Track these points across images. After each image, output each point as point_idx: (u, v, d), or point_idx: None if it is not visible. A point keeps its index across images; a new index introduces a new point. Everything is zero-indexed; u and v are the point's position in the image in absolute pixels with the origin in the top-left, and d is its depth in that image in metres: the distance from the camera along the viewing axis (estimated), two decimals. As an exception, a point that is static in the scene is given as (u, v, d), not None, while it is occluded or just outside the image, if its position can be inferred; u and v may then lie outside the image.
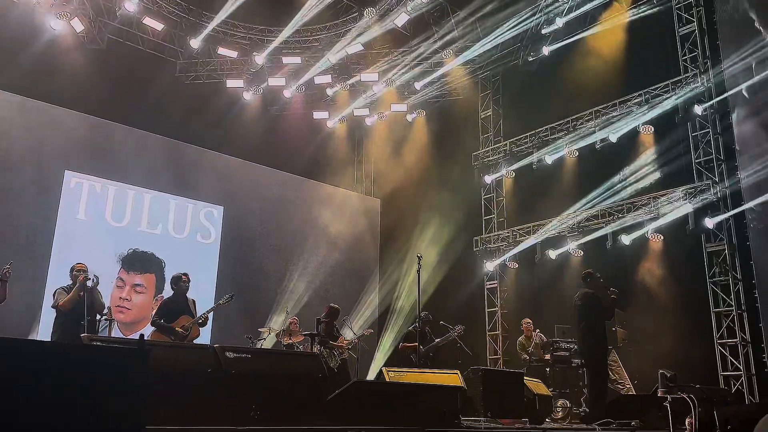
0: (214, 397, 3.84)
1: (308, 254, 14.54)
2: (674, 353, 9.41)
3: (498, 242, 13.84)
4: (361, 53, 14.06)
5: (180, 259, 12.13)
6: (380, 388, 4.95)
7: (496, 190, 14.45)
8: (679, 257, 10.85)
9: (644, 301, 10.80)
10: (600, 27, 12.43)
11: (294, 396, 4.18)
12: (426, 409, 4.54)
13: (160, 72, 13.48)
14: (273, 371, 4.30)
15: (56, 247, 11.05)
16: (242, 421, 3.68)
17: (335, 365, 8.97)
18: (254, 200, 14.12)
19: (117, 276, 11.77)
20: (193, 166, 13.26)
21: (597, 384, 6.99)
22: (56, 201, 11.32)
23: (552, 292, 12.36)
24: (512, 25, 12.84)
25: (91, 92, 11.94)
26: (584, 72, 12.41)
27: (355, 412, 4.15)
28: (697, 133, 10.75)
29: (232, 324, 12.14)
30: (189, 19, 13.39)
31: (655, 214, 11.12)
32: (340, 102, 15.31)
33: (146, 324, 11.73)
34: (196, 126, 13.44)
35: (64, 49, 12.00)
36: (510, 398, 5.78)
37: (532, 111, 13.59)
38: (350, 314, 12.84)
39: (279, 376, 4.27)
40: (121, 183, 12.17)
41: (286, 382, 4.23)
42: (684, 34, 11.12)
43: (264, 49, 13.86)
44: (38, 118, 11.38)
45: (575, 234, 12.28)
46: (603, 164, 12.06)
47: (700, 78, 10.73)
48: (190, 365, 3.96)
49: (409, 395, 4.67)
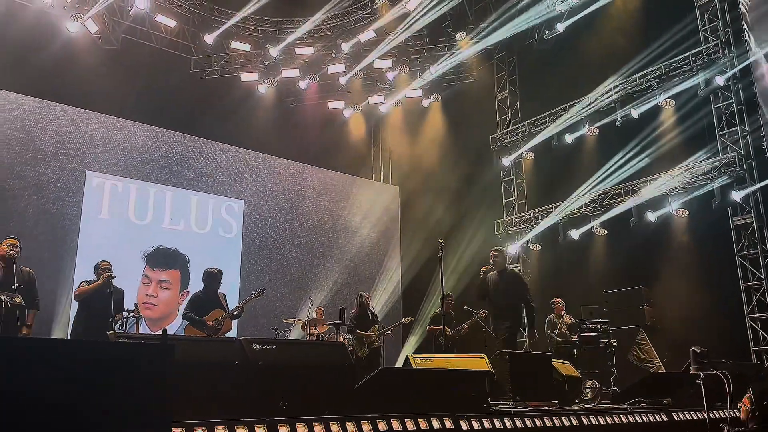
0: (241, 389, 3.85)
1: (329, 243, 14.58)
2: (704, 330, 9.27)
3: (520, 225, 13.73)
4: (374, 40, 13.97)
5: (203, 254, 12.25)
6: (407, 375, 4.94)
7: (516, 172, 14.31)
8: (705, 232, 10.65)
9: (671, 278, 10.64)
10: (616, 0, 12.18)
11: (321, 385, 4.18)
12: (454, 395, 4.52)
13: (175, 68, 13.55)
14: (299, 361, 4.31)
15: (81, 247, 11.20)
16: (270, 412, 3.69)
17: (363, 354, 8.99)
18: (273, 192, 14.17)
19: (142, 273, 11.92)
20: (211, 161, 13.34)
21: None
22: (79, 201, 11.47)
23: (576, 272, 12.24)
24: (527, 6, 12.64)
25: (108, 92, 12.03)
26: (601, 48, 12.18)
27: (383, 400, 4.14)
28: (720, 105, 10.52)
29: (257, 316, 12.24)
30: (201, 15, 13.41)
31: (680, 189, 10.93)
32: (354, 91, 15.26)
33: (173, 319, 11.89)
34: (213, 120, 13.52)
35: (80, 51, 12.10)
36: (538, 381, 5.72)
37: (549, 90, 13.40)
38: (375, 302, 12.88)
39: (305, 366, 4.27)
40: (142, 181, 12.29)
41: (312, 372, 4.23)
42: (703, 3, 10.86)
43: (276, 41, 13.84)
44: (58, 120, 11.52)
45: (598, 213, 12.12)
46: (624, 140, 11.86)
47: (722, 48, 10.48)
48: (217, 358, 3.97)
49: (436, 381, 4.65)
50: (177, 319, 11.60)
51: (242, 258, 13.25)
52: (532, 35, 13.41)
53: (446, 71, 14.37)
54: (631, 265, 11.31)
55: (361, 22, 13.63)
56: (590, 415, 4.95)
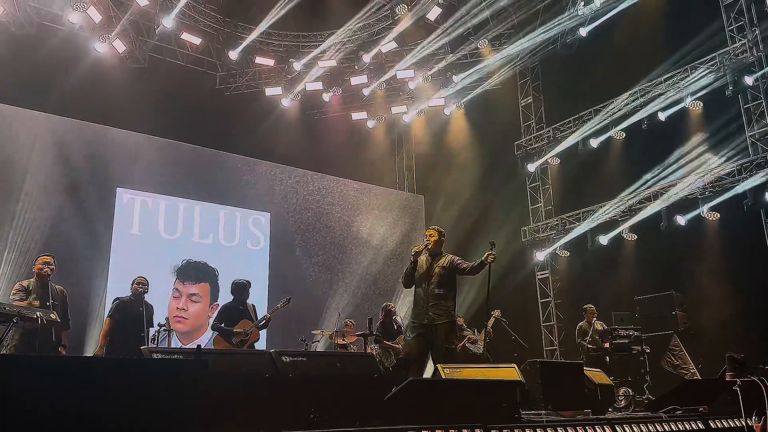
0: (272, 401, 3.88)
1: (356, 253, 14.62)
2: (739, 334, 9.08)
3: (547, 231, 13.61)
4: (396, 50, 14.05)
5: (232, 266, 12.37)
6: (437, 385, 4.91)
7: (542, 178, 14.21)
8: (738, 234, 10.45)
9: (704, 282, 10.45)
10: (638, 2, 12.05)
11: (351, 397, 4.19)
12: (485, 406, 4.49)
13: (201, 85, 13.78)
14: (329, 373, 4.33)
15: (113, 263, 11.40)
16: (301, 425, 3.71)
17: (390, 365, 8.97)
18: (299, 204, 14.27)
19: (173, 287, 12.08)
20: (238, 175, 13.50)
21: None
22: (111, 218, 11.68)
23: (606, 278, 12.09)
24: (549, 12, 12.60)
25: (136, 109, 12.27)
26: (625, 50, 12.07)
27: (414, 412, 4.14)
28: (749, 105, 10.34)
29: (285, 327, 12.29)
30: (225, 32, 13.64)
31: (710, 191, 10.74)
32: (377, 102, 15.33)
33: (203, 332, 12.02)
34: (239, 135, 13.72)
35: (108, 70, 12.39)
36: (570, 390, 5.65)
37: (573, 94, 13.32)
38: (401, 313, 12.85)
39: (335, 377, 4.29)
40: (171, 196, 12.48)
41: (342, 384, 4.25)
42: (728, 3, 10.70)
43: (299, 54, 14.01)
44: (88, 139, 11.75)
45: (627, 217, 11.96)
46: (652, 144, 11.72)
47: (749, 47, 10.30)
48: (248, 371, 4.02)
49: (466, 392, 4.62)
50: (207, 332, 11.72)
51: (270, 269, 13.36)
52: (554, 41, 13.35)
53: (469, 79, 14.37)
54: (662, 269, 11.13)
55: (383, 34, 13.72)
56: (624, 423, 4.88)
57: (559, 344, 13.01)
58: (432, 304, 6.09)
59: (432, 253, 6.34)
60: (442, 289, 6.15)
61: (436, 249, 6.35)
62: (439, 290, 6.14)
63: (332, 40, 13.78)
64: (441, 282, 6.16)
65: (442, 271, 6.20)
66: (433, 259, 6.30)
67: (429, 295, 6.14)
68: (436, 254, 6.33)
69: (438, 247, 6.37)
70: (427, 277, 6.21)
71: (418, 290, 6.29)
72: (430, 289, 6.16)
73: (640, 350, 8.91)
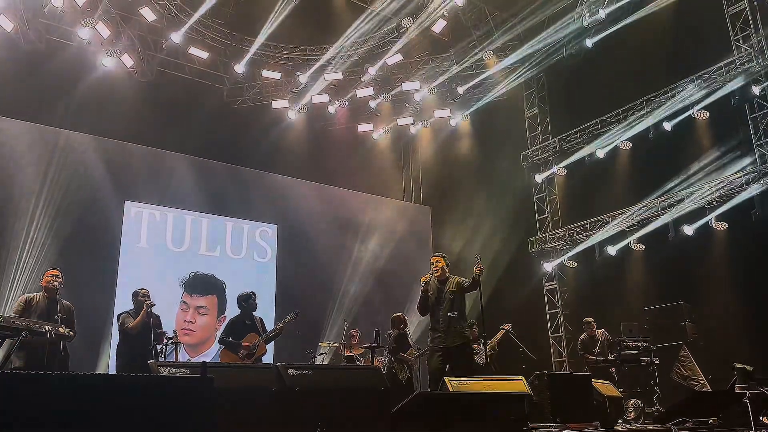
0: (279, 415, 3.88)
1: (363, 265, 14.60)
2: (748, 345, 9.01)
3: (554, 242, 13.57)
4: (402, 63, 14.11)
5: (239, 279, 12.38)
6: (444, 398, 4.90)
7: (548, 189, 14.18)
8: (746, 244, 10.39)
9: (713, 293, 10.39)
10: (644, 12, 12.05)
11: (358, 410, 4.19)
12: (493, 418, 4.47)
13: (209, 99, 13.86)
14: (336, 386, 4.33)
15: (121, 275, 11.44)
16: (309, 438, 3.72)
17: (404, 378, 8.86)
18: (306, 216, 14.28)
19: (180, 299, 12.11)
20: (245, 188, 13.55)
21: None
22: (119, 231, 11.74)
23: (614, 289, 12.03)
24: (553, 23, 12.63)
25: (143, 123, 12.37)
26: (631, 60, 12.08)
27: (421, 425, 4.13)
28: (756, 115, 10.31)
29: (291, 339, 12.27)
30: (232, 46, 13.74)
31: (718, 201, 10.70)
32: (383, 113, 15.39)
33: (211, 344, 12.02)
34: (246, 148, 13.80)
35: (117, 84, 12.49)
36: (579, 402, 5.62)
37: (579, 105, 13.31)
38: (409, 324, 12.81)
39: (342, 390, 4.29)
40: (179, 209, 12.54)
41: (349, 397, 4.25)
42: (734, 13, 10.70)
43: (305, 67, 14.09)
44: (96, 153, 11.83)
45: (634, 228, 11.92)
46: (658, 154, 11.69)
47: (755, 57, 10.30)
48: (255, 385, 4.02)
49: (474, 405, 4.61)
50: (215, 345, 11.73)
51: (277, 281, 13.37)
52: (560, 51, 13.37)
53: (474, 90, 14.41)
54: (670, 280, 11.07)
55: (388, 46, 13.79)
56: (633, 436, 4.84)
57: (567, 356, 12.93)
58: (447, 329, 6.45)
59: (440, 279, 6.69)
60: (455, 312, 6.49)
61: (443, 275, 6.70)
62: (452, 314, 6.48)
63: (338, 53, 13.86)
64: (453, 306, 6.52)
65: (452, 295, 6.56)
66: (441, 284, 6.66)
67: (443, 320, 6.50)
68: (443, 279, 6.68)
69: (444, 273, 6.71)
70: (439, 303, 6.58)
71: (433, 317, 6.65)
72: (443, 314, 6.51)
73: (650, 361, 8.85)
